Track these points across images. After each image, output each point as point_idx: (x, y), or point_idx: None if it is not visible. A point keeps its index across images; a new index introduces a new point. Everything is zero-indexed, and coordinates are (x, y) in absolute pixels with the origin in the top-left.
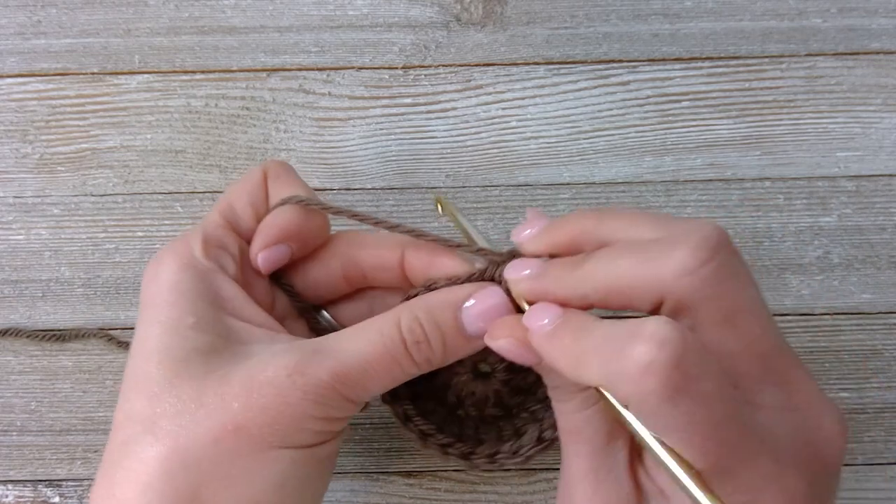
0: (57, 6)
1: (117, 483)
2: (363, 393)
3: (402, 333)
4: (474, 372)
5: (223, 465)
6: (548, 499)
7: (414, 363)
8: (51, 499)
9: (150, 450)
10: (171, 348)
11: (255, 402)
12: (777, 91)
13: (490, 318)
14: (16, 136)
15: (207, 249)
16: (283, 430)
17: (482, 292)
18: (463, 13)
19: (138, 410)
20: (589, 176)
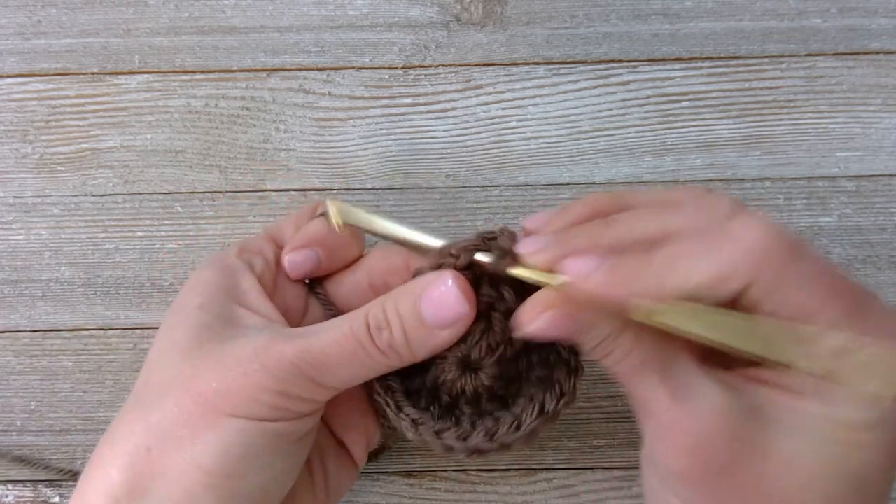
0: (57, 6)
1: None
2: (328, 375)
3: (368, 320)
4: (464, 367)
5: (176, 426)
6: (548, 499)
7: (379, 350)
8: (51, 499)
9: (129, 415)
10: (172, 326)
11: (218, 371)
12: (777, 91)
13: (440, 305)
14: (16, 136)
15: (241, 253)
16: (236, 399)
17: (436, 280)
18: (463, 13)
19: (135, 386)
20: (589, 176)
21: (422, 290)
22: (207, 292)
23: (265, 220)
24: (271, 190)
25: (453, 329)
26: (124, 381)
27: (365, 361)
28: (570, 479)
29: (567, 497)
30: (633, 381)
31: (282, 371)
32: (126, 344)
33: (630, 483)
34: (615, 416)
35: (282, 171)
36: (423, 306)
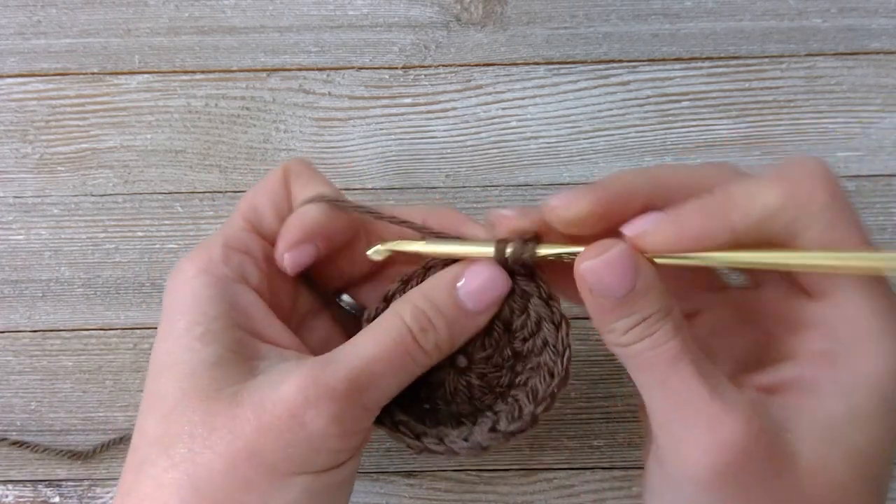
0: (57, 6)
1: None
2: (379, 395)
3: (408, 324)
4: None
5: (236, 493)
6: (548, 499)
7: (425, 352)
8: (51, 499)
9: (165, 475)
10: (178, 363)
11: (268, 424)
12: (777, 91)
13: (486, 289)
14: (16, 136)
15: (228, 255)
16: (297, 455)
17: (472, 267)
18: (463, 13)
19: (152, 430)
20: (589, 176)
21: (454, 279)
22: (206, 318)
23: None
24: None
25: (490, 311)
26: (124, 381)
27: (409, 368)
28: (570, 479)
29: (567, 497)
30: (668, 371)
31: (338, 409)
32: (126, 344)
33: (630, 483)
34: (615, 416)
35: None
36: (465, 294)
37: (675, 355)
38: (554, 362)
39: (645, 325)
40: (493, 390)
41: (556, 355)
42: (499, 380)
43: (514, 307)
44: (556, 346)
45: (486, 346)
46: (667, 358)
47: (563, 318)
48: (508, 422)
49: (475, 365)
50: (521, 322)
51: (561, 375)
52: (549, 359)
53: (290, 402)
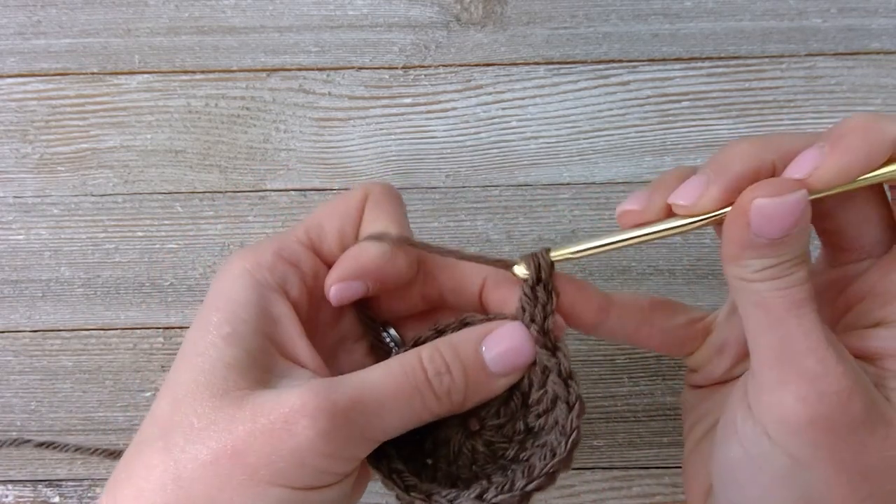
0: (57, 6)
1: (120, 482)
2: (378, 426)
3: (423, 363)
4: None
5: (211, 489)
6: (548, 499)
7: (435, 395)
8: (51, 499)
9: (155, 457)
10: (199, 355)
11: (259, 427)
12: (777, 91)
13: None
14: (16, 136)
15: (276, 263)
16: (280, 464)
17: (504, 328)
18: (463, 13)
19: (160, 413)
20: (589, 176)
21: (484, 335)
22: (236, 319)
23: (265, 221)
24: (271, 190)
25: (511, 378)
26: (124, 380)
27: (416, 408)
28: (570, 479)
29: (567, 497)
30: (789, 314)
31: (332, 428)
32: (126, 344)
33: (630, 483)
34: (615, 416)
35: (282, 171)
36: (490, 352)
37: (800, 301)
38: (559, 442)
39: (781, 268)
40: (497, 461)
41: (563, 436)
42: (505, 451)
43: (533, 381)
44: (564, 426)
45: (501, 415)
46: (792, 302)
47: (578, 400)
48: (497, 493)
49: (485, 431)
50: (537, 397)
51: (562, 457)
52: (555, 438)
53: (286, 408)
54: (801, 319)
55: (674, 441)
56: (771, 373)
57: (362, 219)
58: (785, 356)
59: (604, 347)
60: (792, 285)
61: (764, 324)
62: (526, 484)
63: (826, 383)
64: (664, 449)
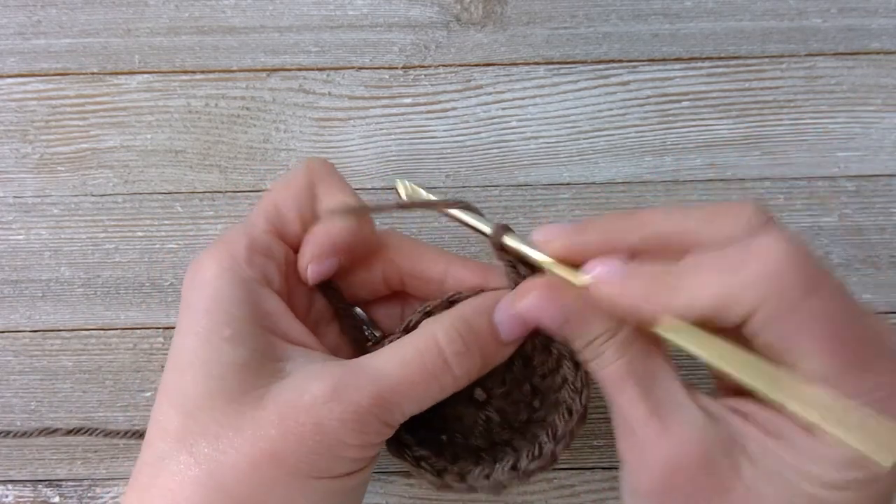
0: (57, 6)
1: (150, 500)
2: (400, 415)
3: (442, 346)
4: (471, 403)
5: (258, 493)
6: (548, 499)
7: (454, 377)
8: (51, 499)
9: (187, 471)
10: (206, 363)
11: (292, 429)
12: (777, 91)
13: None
14: (16, 136)
15: (252, 257)
16: (319, 460)
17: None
18: (463, 13)
19: (174, 427)
20: (589, 176)
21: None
22: (233, 319)
23: None
24: None
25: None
26: (124, 381)
27: (434, 393)
28: (570, 479)
29: (567, 497)
30: (616, 390)
31: (361, 423)
32: (126, 344)
33: None
34: None
35: (282, 171)
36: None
37: (620, 376)
38: (573, 399)
39: (592, 347)
40: (511, 425)
41: (575, 393)
42: (517, 415)
43: (535, 344)
44: (574, 383)
45: (506, 381)
46: (613, 379)
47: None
48: (529, 460)
49: (494, 399)
50: (541, 359)
51: (580, 413)
52: (567, 396)
53: (316, 411)
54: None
55: None
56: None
57: (315, 196)
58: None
59: None
60: (607, 364)
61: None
62: (555, 446)
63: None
64: None
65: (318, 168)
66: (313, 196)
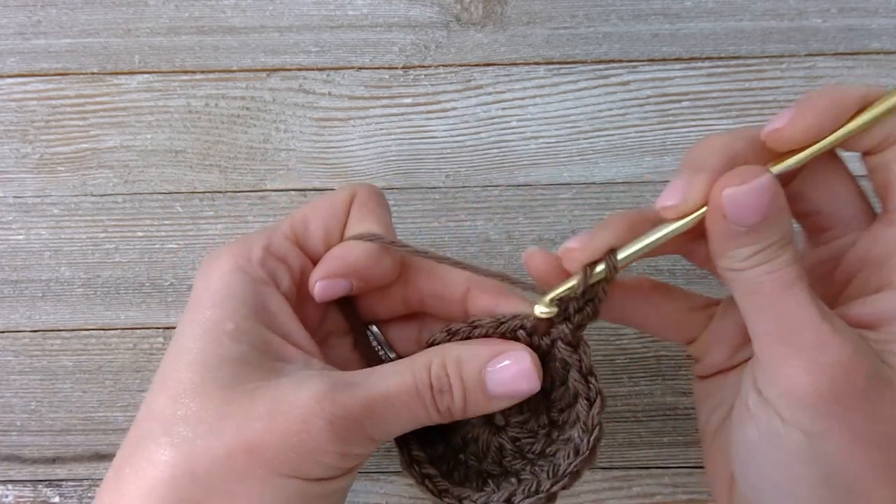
0: (57, 6)
1: (124, 478)
2: (385, 430)
3: (431, 378)
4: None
5: (230, 482)
6: None
7: (437, 409)
8: (51, 499)
9: (162, 452)
10: (204, 352)
11: (277, 425)
12: (777, 91)
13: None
14: (16, 136)
15: (266, 258)
16: (297, 459)
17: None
18: (463, 13)
19: (160, 408)
20: (589, 176)
21: (489, 358)
22: (237, 315)
23: (265, 221)
24: (271, 190)
25: (509, 402)
26: (124, 380)
27: (420, 416)
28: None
29: (567, 497)
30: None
31: (346, 429)
32: (126, 344)
33: (630, 483)
34: (615, 416)
35: (282, 171)
36: (490, 377)
37: (792, 280)
38: (581, 440)
39: (768, 252)
40: (525, 455)
41: (585, 433)
42: (531, 446)
43: (555, 376)
44: (586, 423)
45: (523, 411)
46: (784, 282)
47: (599, 395)
48: (523, 496)
49: (510, 427)
50: (560, 393)
51: (585, 455)
52: (577, 435)
53: (304, 409)
54: (794, 298)
55: (673, 441)
56: (772, 352)
57: (348, 218)
58: (783, 334)
59: (604, 347)
60: (780, 267)
61: (759, 308)
62: (552, 485)
63: (826, 354)
64: (664, 449)
65: (362, 194)
66: (345, 218)
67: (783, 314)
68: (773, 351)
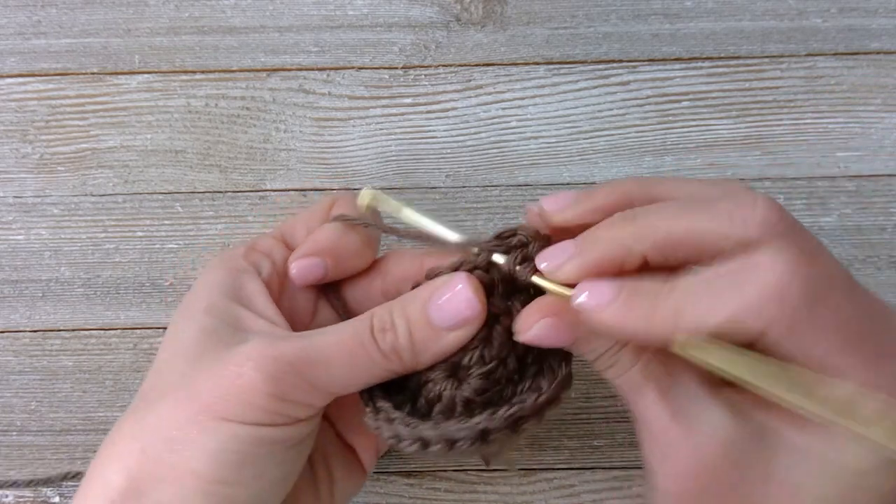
0: (57, 6)
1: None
2: (326, 378)
3: (372, 321)
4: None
5: (170, 429)
6: (548, 499)
7: (380, 351)
8: (51, 499)
9: (130, 416)
10: (181, 331)
11: (214, 373)
12: (777, 91)
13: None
14: (16, 136)
15: (248, 252)
16: (230, 402)
17: (450, 282)
18: (463, 13)
19: (145, 385)
20: (589, 176)
21: (431, 292)
22: (213, 295)
23: (265, 220)
24: (271, 190)
25: (461, 332)
26: (124, 380)
27: (365, 364)
28: (570, 479)
29: (567, 497)
30: (634, 397)
31: (277, 372)
32: (126, 344)
33: (630, 483)
34: (615, 416)
35: (282, 171)
36: (432, 307)
37: (637, 382)
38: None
39: (605, 357)
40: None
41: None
42: (501, 393)
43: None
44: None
45: (487, 360)
46: (630, 385)
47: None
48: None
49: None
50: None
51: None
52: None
53: (239, 359)
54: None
55: None
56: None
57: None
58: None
59: None
60: (623, 370)
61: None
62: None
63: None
64: None
65: (342, 196)
66: (326, 216)
67: (640, 416)
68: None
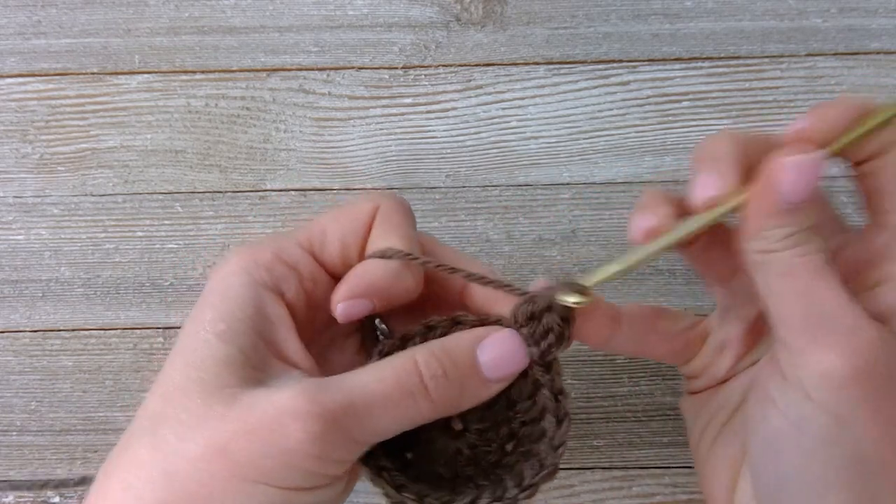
0: (57, 6)
1: (109, 475)
2: (371, 431)
3: (419, 367)
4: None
5: (200, 485)
6: (548, 499)
7: (430, 400)
8: (51, 499)
9: (143, 452)
10: (193, 351)
11: (250, 427)
12: (777, 91)
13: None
14: (16, 136)
15: (274, 264)
16: (269, 464)
17: (498, 335)
18: (463, 13)
19: (151, 408)
20: (589, 176)
21: (478, 339)
22: (232, 318)
23: (265, 220)
24: (271, 190)
25: (503, 384)
26: (124, 380)
27: (410, 413)
28: (570, 479)
29: (567, 497)
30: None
31: (324, 431)
32: (126, 344)
33: (630, 483)
34: (615, 416)
35: (282, 171)
36: (484, 356)
37: (822, 264)
38: (547, 454)
39: (801, 235)
40: (479, 464)
41: (552, 448)
42: (487, 455)
43: (522, 391)
44: (552, 439)
45: (485, 419)
46: (816, 265)
47: (567, 416)
48: (489, 499)
49: (469, 434)
50: (525, 406)
51: (549, 469)
52: (543, 450)
53: (278, 410)
54: (825, 281)
55: (673, 441)
56: (805, 336)
57: (371, 232)
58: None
59: None
60: (812, 252)
61: (791, 291)
62: (518, 493)
63: (859, 338)
64: (664, 449)
65: (385, 207)
66: (365, 232)
67: (815, 297)
68: (805, 335)
